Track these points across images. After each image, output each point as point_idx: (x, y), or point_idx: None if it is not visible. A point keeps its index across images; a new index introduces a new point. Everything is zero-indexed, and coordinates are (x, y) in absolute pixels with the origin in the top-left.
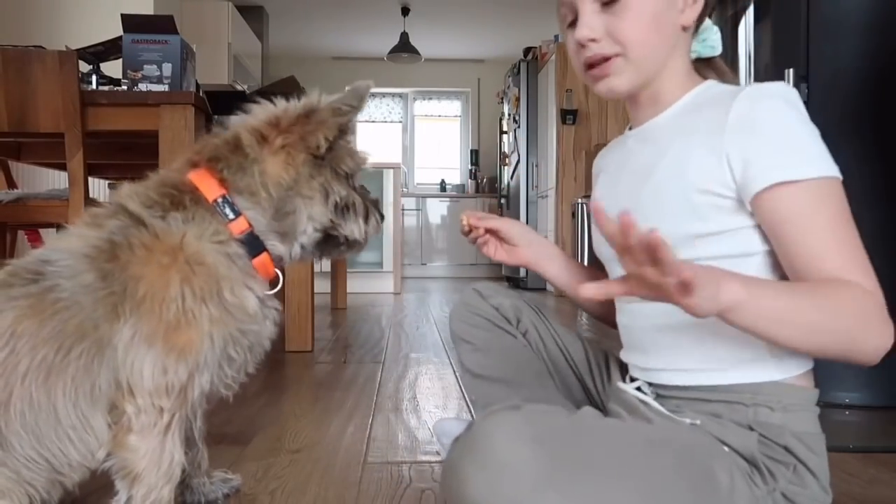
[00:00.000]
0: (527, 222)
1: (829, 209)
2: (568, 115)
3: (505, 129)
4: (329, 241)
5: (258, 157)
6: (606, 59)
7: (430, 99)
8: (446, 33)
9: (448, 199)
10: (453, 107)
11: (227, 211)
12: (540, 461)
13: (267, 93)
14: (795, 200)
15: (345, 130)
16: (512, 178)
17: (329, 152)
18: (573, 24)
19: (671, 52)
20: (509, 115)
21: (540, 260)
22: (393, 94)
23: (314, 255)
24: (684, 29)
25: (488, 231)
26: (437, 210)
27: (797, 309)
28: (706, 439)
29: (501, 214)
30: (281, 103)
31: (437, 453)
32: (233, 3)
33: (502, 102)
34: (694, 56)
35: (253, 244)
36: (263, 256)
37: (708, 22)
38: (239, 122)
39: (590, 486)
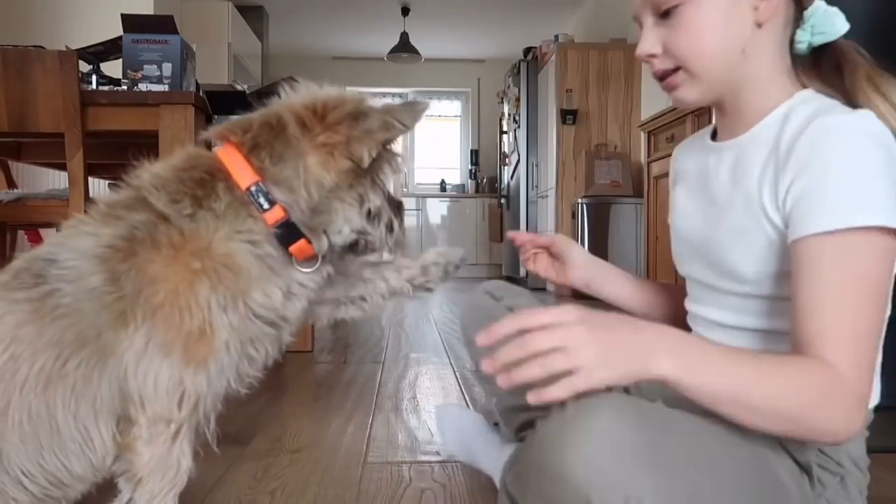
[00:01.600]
0: (527, 222)
1: (854, 266)
2: (568, 115)
3: (505, 129)
4: (354, 245)
5: (300, 149)
6: (670, 73)
7: (430, 99)
8: (446, 33)
9: (448, 199)
10: (453, 107)
11: (262, 200)
12: (642, 442)
13: (267, 93)
14: (823, 249)
15: (389, 144)
16: (512, 178)
17: (372, 163)
18: None
19: (747, 59)
20: (509, 115)
21: (592, 282)
22: (393, 94)
23: (337, 256)
24: (760, 27)
25: (541, 247)
26: (437, 210)
27: (740, 393)
28: (768, 441)
29: (501, 214)
30: (327, 90)
31: (437, 453)
32: (233, 3)
33: (502, 102)
34: (804, 47)
35: (290, 233)
36: (301, 243)
37: (818, 3)
38: (283, 103)
39: (685, 470)
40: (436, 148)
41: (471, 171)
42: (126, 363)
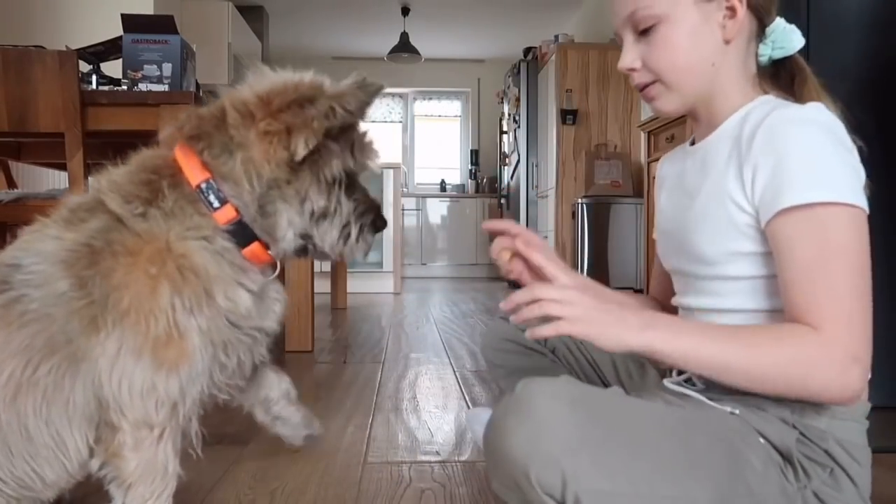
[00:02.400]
0: (527, 222)
1: (826, 238)
2: (568, 115)
3: (505, 129)
4: (302, 250)
5: (243, 140)
6: (648, 84)
7: (430, 99)
8: (446, 33)
9: (448, 199)
10: (453, 107)
11: (212, 198)
12: (576, 422)
13: None
14: (793, 226)
15: (334, 132)
16: (512, 178)
17: (311, 155)
18: None
19: (716, 71)
20: (509, 115)
21: None
22: (393, 94)
23: (297, 258)
24: (727, 43)
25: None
26: (437, 210)
27: (726, 361)
28: (743, 427)
29: (501, 215)
30: (284, 75)
31: (437, 453)
32: (233, 3)
33: (502, 102)
34: (765, 60)
35: (242, 233)
36: (255, 246)
37: (778, 21)
38: (231, 93)
39: (621, 451)
40: (436, 148)
41: (471, 171)
42: (100, 369)
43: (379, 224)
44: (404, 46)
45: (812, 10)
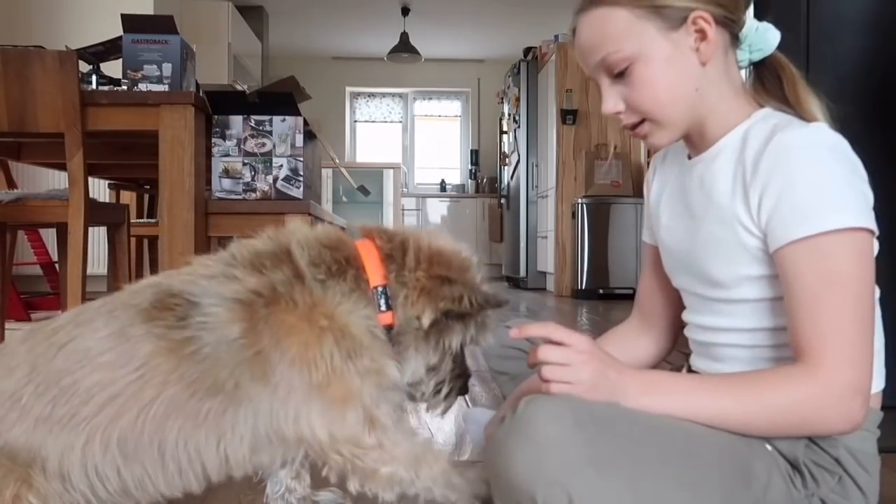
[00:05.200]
0: (527, 222)
1: (828, 269)
2: (568, 115)
3: (505, 129)
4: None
5: (409, 279)
6: (637, 124)
7: (430, 99)
8: (446, 33)
9: (448, 199)
10: (453, 107)
11: (382, 301)
12: (580, 442)
13: (267, 93)
14: (798, 258)
15: (455, 315)
16: (512, 178)
17: (438, 323)
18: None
19: (701, 95)
20: (509, 115)
21: None
22: (393, 94)
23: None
24: (704, 65)
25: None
26: (437, 210)
27: (725, 413)
28: (749, 437)
29: (501, 214)
30: (452, 244)
31: None
32: (233, 3)
33: (502, 102)
34: (745, 64)
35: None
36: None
37: (750, 23)
38: (419, 235)
39: (627, 467)
40: (436, 148)
41: (471, 171)
42: (272, 410)
43: (464, 391)
44: (404, 46)
45: (812, 10)
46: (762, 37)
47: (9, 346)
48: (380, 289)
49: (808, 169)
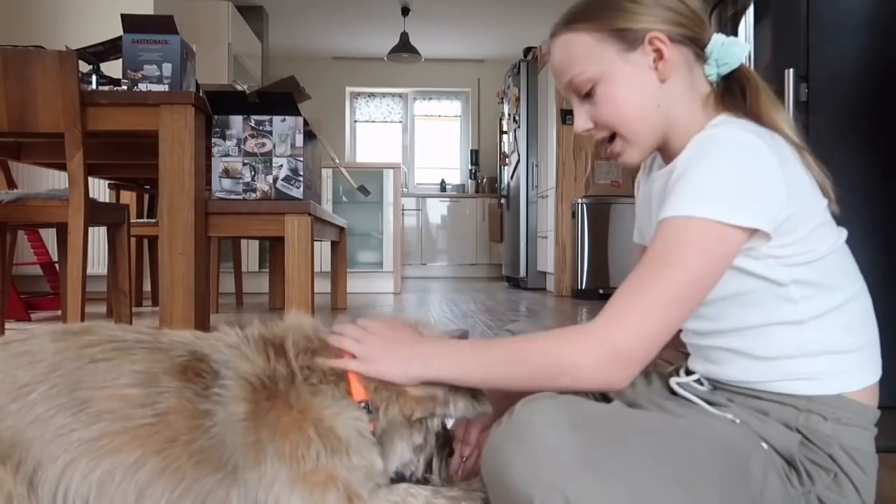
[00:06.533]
0: (527, 222)
1: (674, 248)
2: (568, 115)
3: (505, 129)
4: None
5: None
6: (607, 139)
7: (430, 99)
8: (446, 33)
9: (448, 199)
10: (453, 107)
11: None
12: (576, 445)
13: (267, 93)
14: (659, 233)
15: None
16: (512, 178)
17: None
18: None
19: (663, 111)
20: (509, 115)
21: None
22: (393, 94)
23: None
24: (664, 82)
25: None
26: (437, 210)
27: (494, 369)
28: (744, 434)
29: (501, 214)
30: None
31: None
32: (233, 3)
33: (502, 102)
34: (714, 78)
35: None
36: None
37: (716, 39)
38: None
39: (623, 469)
40: (436, 148)
41: (471, 171)
42: (258, 493)
43: (451, 454)
44: (404, 46)
45: (812, 10)
46: (727, 51)
47: (39, 339)
48: (362, 403)
49: (709, 158)
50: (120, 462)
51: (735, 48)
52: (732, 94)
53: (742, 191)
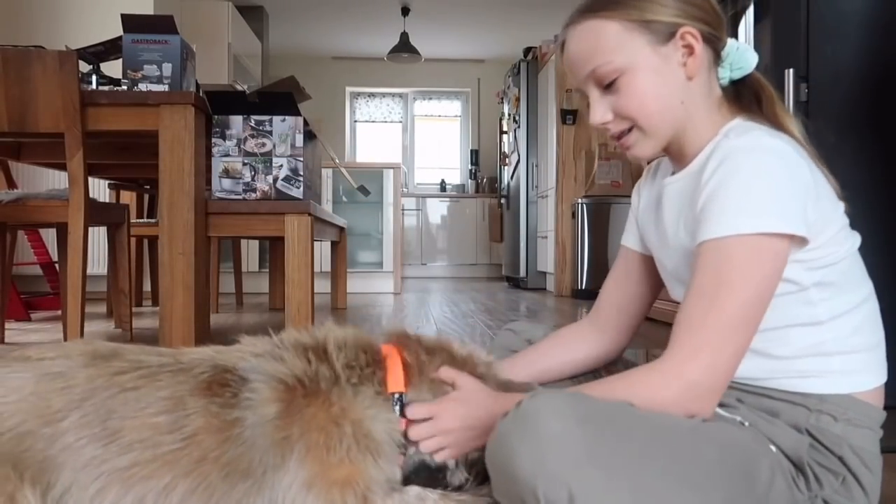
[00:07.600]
0: (527, 222)
1: (721, 269)
2: (568, 115)
3: (505, 129)
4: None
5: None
6: (624, 133)
7: (430, 99)
8: (446, 33)
9: (448, 199)
10: (453, 107)
11: (396, 409)
12: (584, 438)
13: (267, 93)
14: (703, 256)
15: None
16: (512, 178)
17: None
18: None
19: (684, 108)
20: (509, 115)
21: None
22: (393, 94)
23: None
24: (690, 80)
25: None
26: (437, 210)
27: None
28: (753, 436)
29: (501, 214)
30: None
31: None
32: (233, 3)
33: (502, 102)
34: (725, 82)
35: None
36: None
37: (731, 43)
38: (448, 343)
39: (629, 465)
40: (436, 148)
41: (471, 171)
42: (282, 497)
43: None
44: (404, 46)
45: (812, 10)
46: (742, 56)
47: (71, 363)
48: (396, 394)
49: (742, 170)
50: (151, 488)
51: (748, 54)
52: (743, 99)
53: (785, 200)
